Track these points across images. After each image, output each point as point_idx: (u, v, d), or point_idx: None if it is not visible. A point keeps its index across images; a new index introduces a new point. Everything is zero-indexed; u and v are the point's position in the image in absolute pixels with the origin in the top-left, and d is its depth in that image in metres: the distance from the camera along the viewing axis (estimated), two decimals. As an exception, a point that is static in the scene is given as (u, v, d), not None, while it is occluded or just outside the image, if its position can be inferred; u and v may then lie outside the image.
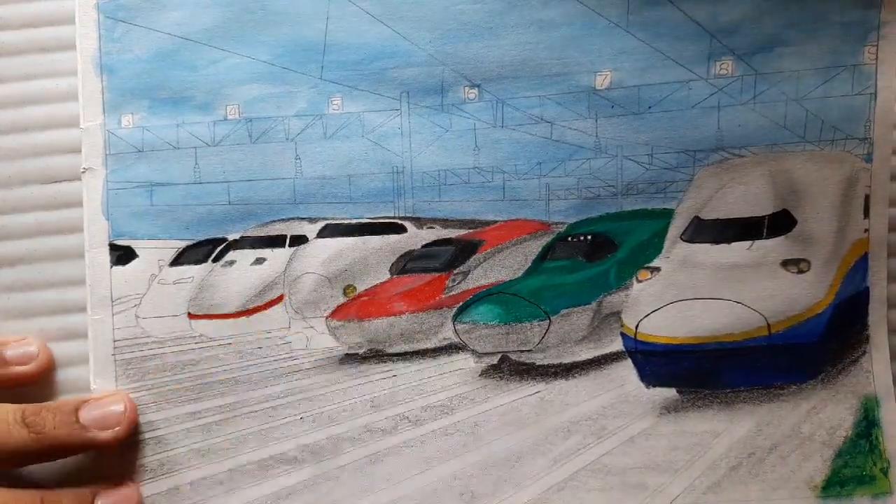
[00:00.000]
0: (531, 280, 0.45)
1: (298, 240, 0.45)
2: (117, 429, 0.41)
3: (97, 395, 0.42)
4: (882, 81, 0.43)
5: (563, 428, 0.44)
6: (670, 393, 0.44)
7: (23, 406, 0.40)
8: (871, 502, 0.43)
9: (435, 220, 0.45)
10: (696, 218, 0.45)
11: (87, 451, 0.41)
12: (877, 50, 0.43)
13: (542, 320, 0.45)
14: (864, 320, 0.44)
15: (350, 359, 0.45)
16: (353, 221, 0.45)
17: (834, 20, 0.43)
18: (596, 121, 0.44)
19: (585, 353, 0.45)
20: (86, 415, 0.40)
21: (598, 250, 0.45)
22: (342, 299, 0.45)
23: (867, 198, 0.44)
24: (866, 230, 0.44)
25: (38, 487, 0.41)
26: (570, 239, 0.45)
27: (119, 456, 0.43)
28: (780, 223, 0.44)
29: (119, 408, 0.41)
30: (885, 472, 0.44)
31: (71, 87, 0.44)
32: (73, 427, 0.40)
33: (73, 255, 0.44)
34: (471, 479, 0.43)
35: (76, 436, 0.40)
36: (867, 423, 0.44)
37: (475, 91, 0.44)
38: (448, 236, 0.45)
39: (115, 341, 0.43)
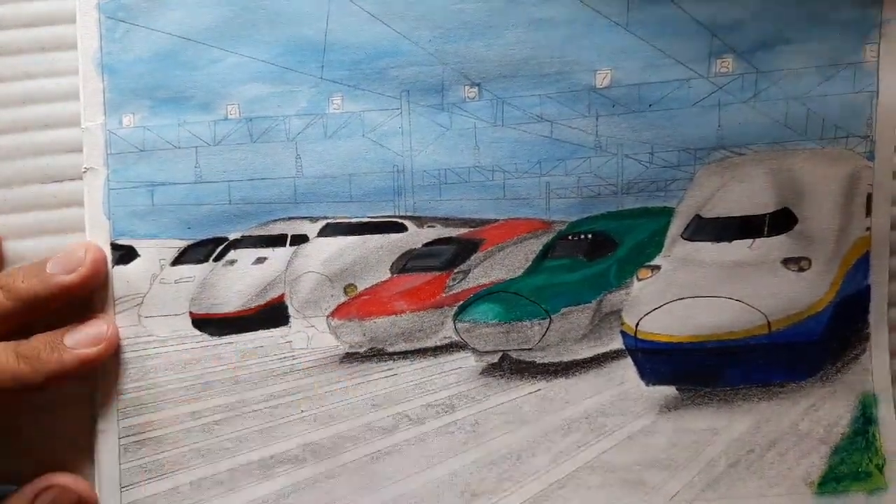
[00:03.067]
0: (532, 279, 0.45)
1: (299, 239, 0.45)
2: (81, 269, 0.41)
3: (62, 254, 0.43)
4: (884, 79, 0.43)
5: (563, 425, 0.44)
6: (669, 391, 0.44)
7: None
8: (867, 498, 0.44)
9: (435, 219, 0.45)
10: (697, 216, 0.45)
11: (59, 299, 0.41)
12: (878, 48, 0.43)
13: (542, 319, 0.45)
14: (864, 319, 0.44)
15: (351, 358, 0.45)
16: (354, 220, 0.45)
17: (835, 18, 0.43)
18: (596, 119, 0.44)
19: (586, 352, 0.45)
20: (52, 265, 0.41)
21: (599, 249, 0.45)
22: (343, 298, 0.45)
23: (869, 196, 0.44)
24: (868, 228, 0.44)
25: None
26: (570, 238, 0.45)
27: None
28: (781, 221, 0.44)
29: (81, 252, 0.42)
30: (880, 468, 0.44)
31: (72, 86, 0.44)
32: (41, 276, 0.41)
33: None
34: (471, 477, 0.43)
35: (45, 282, 0.41)
36: (864, 421, 0.44)
37: (475, 90, 0.44)
38: (448, 235, 0.45)
39: (117, 340, 0.44)
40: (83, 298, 0.43)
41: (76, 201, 0.44)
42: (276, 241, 0.45)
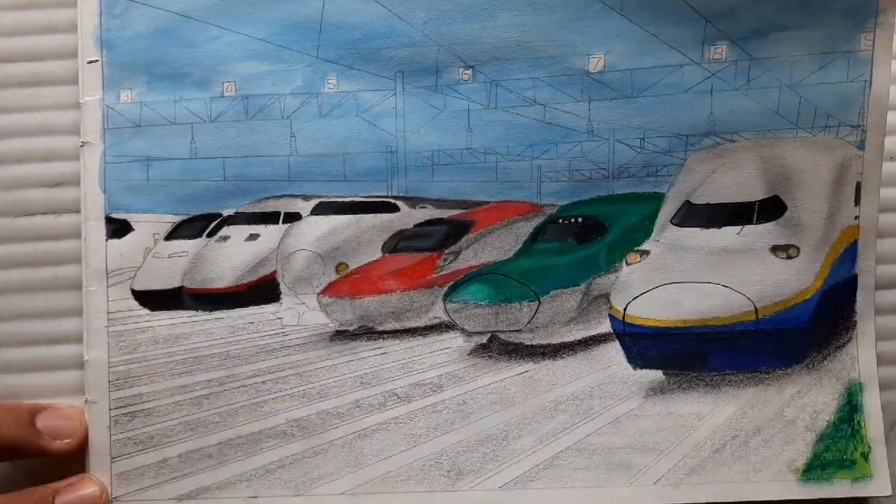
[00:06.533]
0: (521, 261, 0.45)
1: (292, 217, 0.45)
2: (69, 440, 0.41)
3: (56, 404, 0.43)
4: (877, 69, 0.43)
5: (549, 407, 0.44)
6: (656, 375, 0.45)
7: None
8: (851, 486, 0.44)
9: (427, 200, 0.45)
10: (687, 202, 0.45)
11: (38, 456, 0.41)
12: (873, 37, 0.43)
13: (531, 301, 0.45)
14: (851, 307, 0.45)
15: (341, 335, 0.45)
16: (347, 199, 0.45)
17: (832, 6, 0.43)
18: (588, 104, 0.44)
19: (574, 334, 0.45)
20: (42, 422, 0.41)
21: (589, 233, 0.45)
22: (334, 276, 0.45)
23: (858, 185, 0.44)
24: (856, 217, 0.44)
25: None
26: (560, 221, 0.45)
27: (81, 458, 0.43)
28: (770, 209, 0.44)
29: (73, 423, 0.42)
30: (865, 456, 0.44)
31: (72, 64, 0.44)
32: (28, 430, 0.40)
33: (69, 234, 0.45)
34: (458, 456, 0.44)
35: (29, 440, 0.40)
36: (850, 408, 0.44)
37: (469, 72, 0.44)
38: (440, 216, 0.46)
39: (108, 313, 0.44)
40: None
41: (72, 181, 0.44)
42: (269, 218, 0.45)
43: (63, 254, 0.45)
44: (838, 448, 0.44)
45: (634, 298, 0.45)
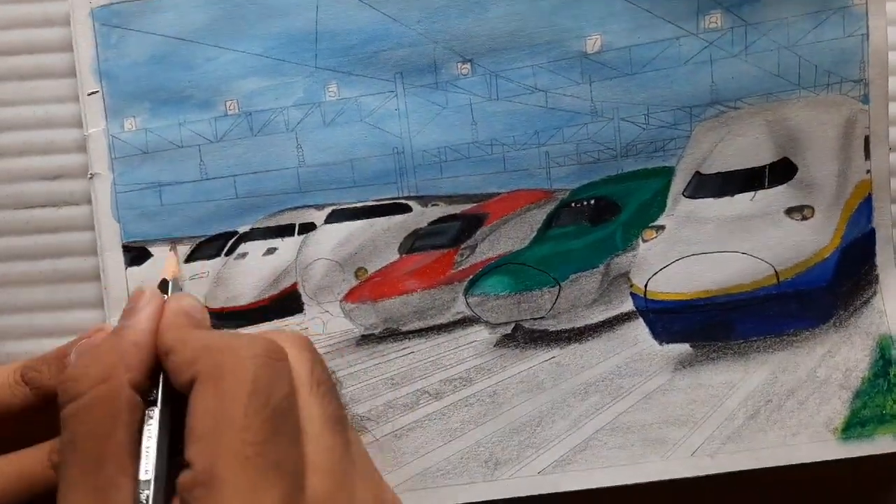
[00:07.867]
0: (538, 248, 0.46)
1: (307, 227, 0.46)
2: None
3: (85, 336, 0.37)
4: (873, 21, 0.43)
5: (580, 390, 0.44)
6: (683, 348, 0.45)
7: (20, 364, 0.36)
8: (894, 440, 0.44)
9: (439, 197, 0.45)
10: (697, 173, 0.45)
11: None
12: (866, -10, 0.43)
13: (551, 287, 0.45)
14: (872, 262, 0.45)
15: (367, 339, 0.45)
16: (359, 205, 0.45)
17: (820, -36, 0.43)
18: (590, 85, 0.44)
19: (597, 316, 0.45)
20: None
21: (602, 213, 0.46)
22: (354, 282, 0.46)
23: (867, 139, 0.44)
24: (868, 171, 0.44)
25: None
26: (573, 205, 0.46)
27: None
28: (780, 172, 0.44)
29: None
30: None
31: (71, 57, 0.44)
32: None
33: (69, 226, 0.45)
34: (494, 447, 0.44)
35: None
36: (884, 363, 0.44)
37: (468, 66, 0.44)
38: (453, 212, 0.46)
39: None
40: None
41: (83, 199, 0.45)
42: (285, 230, 0.45)
43: (63, 246, 0.45)
44: (876, 404, 0.44)
45: (654, 274, 0.45)
